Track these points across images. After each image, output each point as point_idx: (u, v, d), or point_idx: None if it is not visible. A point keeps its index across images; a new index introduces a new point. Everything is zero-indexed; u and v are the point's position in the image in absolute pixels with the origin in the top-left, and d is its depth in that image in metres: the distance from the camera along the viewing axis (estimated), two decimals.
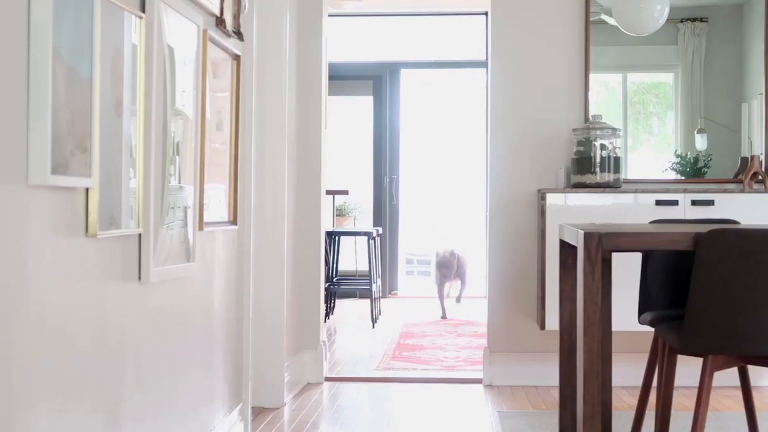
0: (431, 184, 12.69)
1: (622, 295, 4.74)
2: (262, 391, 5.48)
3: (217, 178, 4.31)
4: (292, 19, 5.81)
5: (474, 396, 5.97)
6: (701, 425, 3.46)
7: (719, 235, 3.35)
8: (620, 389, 5.96)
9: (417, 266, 12.69)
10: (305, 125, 6.19)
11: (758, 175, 6.10)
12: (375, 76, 12.19)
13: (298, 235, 6.08)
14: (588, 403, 3.45)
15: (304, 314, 6.21)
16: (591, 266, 3.42)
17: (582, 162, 6.03)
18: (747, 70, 6.41)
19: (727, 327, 3.39)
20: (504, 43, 6.34)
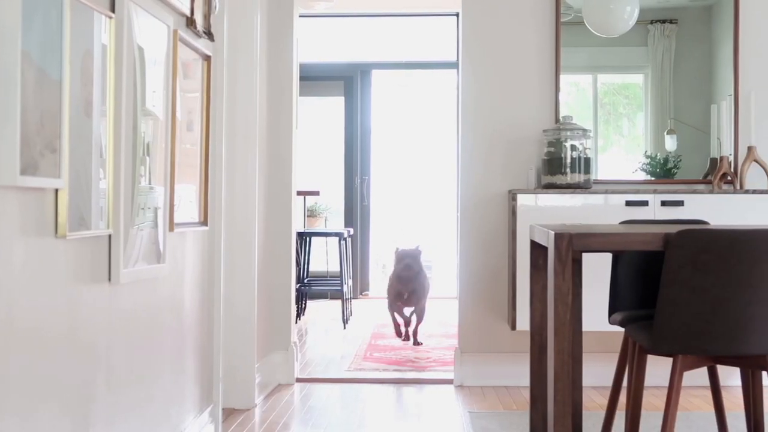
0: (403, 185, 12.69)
1: (593, 296, 4.76)
2: (233, 393, 5.47)
3: (187, 178, 4.29)
4: (262, 19, 5.80)
5: (445, 396, 5.98)
6: (671, 425, 3.47)
7: (688, 235, 3.37)
8: (591, 389, 5.98)
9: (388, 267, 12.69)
10: (276, 126, 6.18)
11: (727, 176, 6.14)
12: (346, 77, 12.18)
13: (269, 236, 6.07)
14: (558, 403, 3.46)
15: (275, 315, 6.20)
16: (561, 267, 3.43)
17: (552, 163, 6.05)
18: (716, 72, 6.44)
19: (697, 327, 3.41)
20: (475, 44, 6.35)
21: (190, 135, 4.37)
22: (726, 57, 6.34)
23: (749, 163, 6.12)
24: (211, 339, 4.85)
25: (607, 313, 4.29)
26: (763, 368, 3.53)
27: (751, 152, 6.13)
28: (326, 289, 10.77)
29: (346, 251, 9.36)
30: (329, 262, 11.09)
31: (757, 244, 3.36)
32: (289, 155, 6.24)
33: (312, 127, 12.05)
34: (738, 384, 5.80)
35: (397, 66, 12.44)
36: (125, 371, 3.52)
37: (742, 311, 3.38)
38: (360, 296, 11.94)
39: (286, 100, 6.24)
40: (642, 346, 3.72)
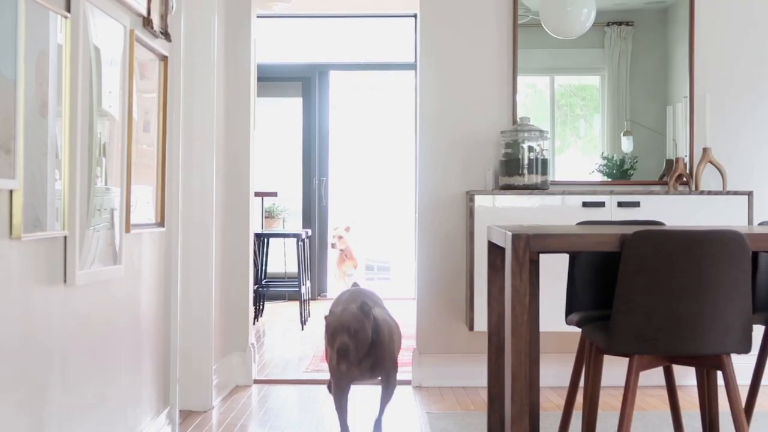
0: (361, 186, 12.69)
1: (550, 296, 4.78)
2: (191, 394, 5.45)
3: (144, 179, 4.27)
4: (220, 19, 5.78)
5: (403, 397, 5.98)
6: (627, 424, 3.49)
7: (644, 236, 3.39)
8: (548, 389, 6.01)
9: None
10: (234, 126, 6.16)
11: (683, 177, 6.18)
12: (304, 78, 12.16)
13: (226, 237, 6.04)
14: (516, 403, 3.47)
15: (233, 316, 6.18)
16: (519, 267, 3.44)
17: (510, 164, 6.07)
18: (672, 74, 6.49)
19: (652, 327, 3.43)
20: (433, 46, 6.36)
21: (147, 136, 4.35)
22: (681, 59, 6.39)
23: (704, 165, 6.17)
24: (169, 340, 4.83)
25: (564, 314, 4.31)
26: (718, 368, 3.56)
27: (706, 154, 6.18)
28: (284, 291, 10.74)
29: (304, 252, 9.35)
30: (287, 264, 11.06)
31: (712, 244, 3.38)
32: (247, 156, 6.22)
33: (270, 128, 12.02)
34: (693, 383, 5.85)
35: (355, 67, 12.43)
36: (81, 373, 3.50)
37: (697, 311, 3.41)
38: (318, 297, 11.92)
39: (243, 100, 6.22)
40: (598, 346, 3.74)
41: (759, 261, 4.29)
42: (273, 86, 11.77)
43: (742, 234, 3.42)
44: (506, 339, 3.57)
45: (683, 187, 6.20)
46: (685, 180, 6.19)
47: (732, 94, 6.37)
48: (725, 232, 3.41)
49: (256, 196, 7.24)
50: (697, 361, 3.63)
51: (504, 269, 4.07)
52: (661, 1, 6.53)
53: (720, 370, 3.55)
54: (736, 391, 3.53)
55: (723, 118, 6.35)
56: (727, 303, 3.43)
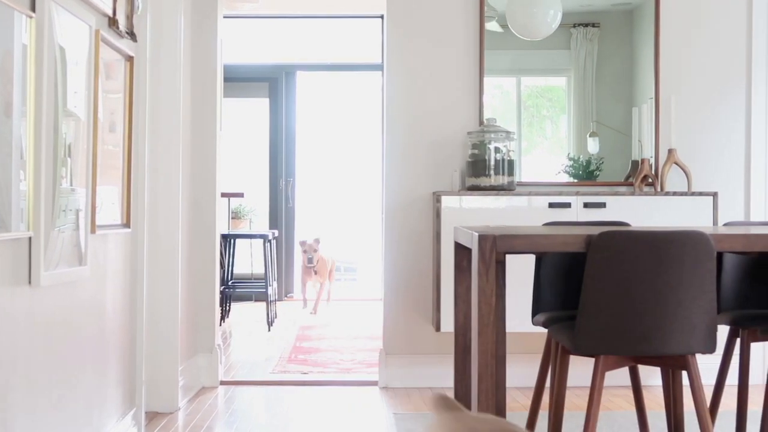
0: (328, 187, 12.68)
1: (516, 297, 4.79)
2: (156, 396, 5.42)
3: (110, 180, 4.25)
4: (186, 20, 5.76)
5: (370, 398, 5.98)
6: (593, 424, 3.51)
7: (609, 237, 3.41)
8: (514, 390, 6.03)
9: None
10: (200, 127, 6.14)
11: (648, 178, 6.21)
12: (271, 78, 12.14)
13: (192, 238, 6.03)
14: (482, 403, 3.48)
15: (199, 317, 6.16)
16: (485, 268, 3.44)
17: (477, 165, 6.08)
18: (637, 75, 6.52)
19: (618, 327, 3.45)
20: (399, 47, 6.36)
21: (113, 136, 4.33)
22: (647, 61, 6.42)
23: (669, 166, 6.21)
24: (134, 342, 4.81)
25: (530, 314, 4.33)
26: (683, 368, 3.58)
27: (671, 155, 6.22)
28: (251, 292, 10.72)
29: (270, 253, 9.33)
30: (254, 264, 11.04)
31: (677, 245, 3.40)
32: (213, 157, 6.21)
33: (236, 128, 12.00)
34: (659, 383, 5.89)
35: (322, 68, 12.43)
36: (45, 374, 3.48)
37: (662, 312, 3.43)
38: (285, 298, 11.90)
39: (210, 101, 6.20)
40: (564, 346, 3.75)
41: (724, 261, 4.32)
42: (240, 87, 11.75)
43: (707, 235, 3.44)
44: (473, 339, 3.57)
45: (649, 188, 6.24)
46: (650, 181, 6.22)
47: (697, 96, 6.41)
48: (690, 233, 3.43)
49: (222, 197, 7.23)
50: (663, 361, 3.66)
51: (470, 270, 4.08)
52: (626, 3, 6.56)
53: (685, 370, 3.57)
54: (701, 390, 3.55)
55: (688, 119, 6.39)
56: (692, 303, 3.45)
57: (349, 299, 11.60)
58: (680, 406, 4.09)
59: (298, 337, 8.55)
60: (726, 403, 4.88)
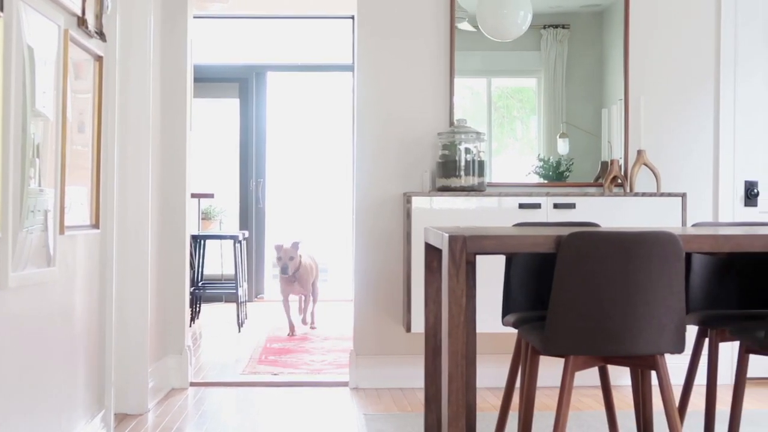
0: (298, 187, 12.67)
1: (487, 297, 4.80)
2: (126, 397, 5.40)
3: (78, 180, 4.23)
4: (156, 20, 5.74)
5: (340, 399, 5.98)
6: (563, 424, 3.52)
7: (579, 237, 3.42)
8: (484, 390, 6.03)
9: None
10: (170, 127, 6.12)
11: (618, 179, 6.24)
12: (241, 79, 12.12)
13: (162, 239, 6.00)
14: (452, 404, 3.48)
15: (169, 319, 6.14)
16: (455, 269, 3.45)
17: (447, 165, 6.08)
18: (607, 76, 6.55)
19: (587, 328, 3.46)
20: (370, 47, 6.36)
21: (82, 136, 4.31)
22: (617, 62, 6.45)
23: (639, 167, 6.23)
24: (103, 343, 4.79)
25: (500, 315, 4.33)
26: (652, 368, 3.60)
27: (640, 156, 6.24)
28: (221, 293, 10.69)
29: (240, 254, 9.31)
30: (224, 265, 11.01)
31: (646, 246, 3.42)
32: (183, 157, 6.18)
33: (207, 129, 11.96)
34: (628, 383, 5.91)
35: (293, 68, 12.41)
36: (13, 376, 3.45)
37: (631, 312, 3.44)
38: (255, 299, 11.88)
39: (179, 101, 6.18)
40: (534, 347, 3.76)
41: (692, 262, 4.35)
42: (210, 87, 11.72)
43: (675, 235, 3.45)
44: (443, 340, 3.57)
45: (618, 189, 6.26)
46: (619, 182, 6.24)
47: (666, 97, 6.44)
48: (659, 234, 3.44)
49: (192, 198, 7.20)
50: (632, 362, 3.67)
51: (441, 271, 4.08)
52: (596, 5, 6.59)
53: (654, 370, 3.59)
54: (670, 390, 3.56)
55: (657, 120, 6.42)
56: (661, 304, 3.46)
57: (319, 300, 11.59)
58: (649, 405, 4.10)
59: (268, 339, 8.53)
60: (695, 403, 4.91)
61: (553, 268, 3.45)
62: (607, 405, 4.29)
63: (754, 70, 6.47)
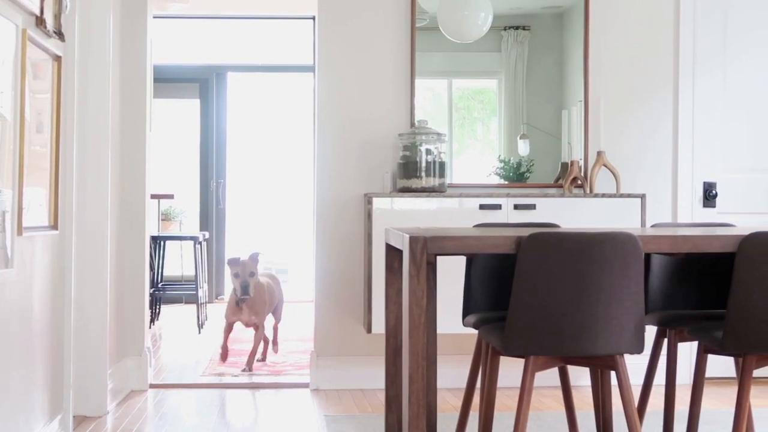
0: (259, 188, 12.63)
1: (447, 298, 4.80)
2: (84, 400, 5.36)
3: (37, 181, 4.20)
4: (115, 19, 5.70)
5: (301, 400, 5.96)
6: (523, 424, 3.53)
7: (539, 238, 3.43)
8: (445, 391, 6.04)
9: None
10: (129, 128, 6.09)
11: (578, 180, 6.26)
12: (201, 79, 12.07)
13: (121, 240, 5.97)
14: (413, 404, 3.48)
15: (128, 320, 6.10)
16: (416, 270, 3.45)
17: (408, 166, 6.08)
18: (567, 77, 6.57)
19: (547, 328, 3.47)
20: (331, 48, 6.35)
21: (40, 137, 4.28)
22: (576, 63, 6.47)
23: (599, 168, 6.26)
24: (62, 345, 4.75)
25: (461, 316, 4.34)
26: (611, 368, 3.62)
27: (600, 157, 6.27)
28: (181, 294, 10.63)
29: (201, 255, 9.27)
30: (184, 266, 10.97)
31: (605, 246, 3.43)
32: (143, 158, 6.15)
33: (167, 129, 11.91)
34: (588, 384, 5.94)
35: (254, 69, 12.37)
36: None
37: (590, 313, 3.46)
38: (215, 300, 11.83)
39: (139, 101, 6.15)
40: (495, 347, 3.77)
41: (651, 262, 4.37)
42: (170, 87, 11.67)
43: (635, 236, 3.47)
44: (404, 341, 3.58)
45: (578, 190, 6.29)
46: (579, 183, 6.27)
47: (626, 98, 6.48)
48: (619, 234, 3.46)
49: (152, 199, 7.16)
50: (591, 362, 3.69)
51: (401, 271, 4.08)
52: (556, 6, 6.61)
53: (613, 370, 3.60)
54: (629, 390, 3.58)
55: (617, 121, 6.46)
56: (620, 304, 3.48)
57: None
58: (609, 405, 4.12)
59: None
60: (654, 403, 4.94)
61: (513, 268, 3.46)
62: (567, 405, 4.31)
63: (712, 72, 6.52)
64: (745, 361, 3.72)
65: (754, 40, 6.55)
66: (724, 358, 3.96)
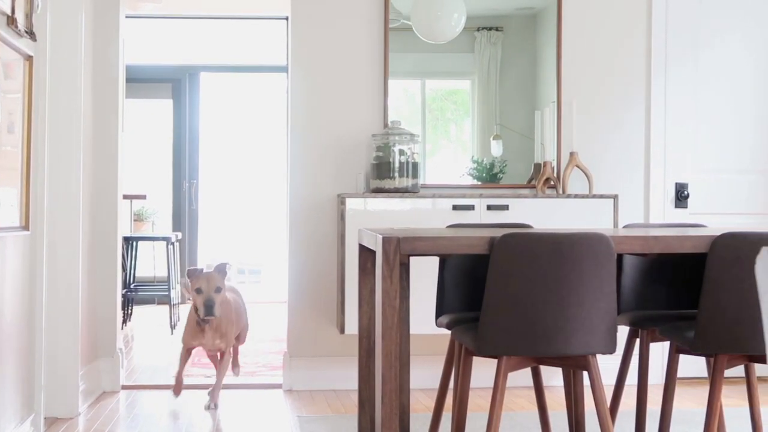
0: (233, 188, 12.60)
1: (420, 299, 4.80)
2: (56, 401, 5.33)
3: (8, 181, 4.17)
4: (87, 19, 5.68)
5: (274, 401, 5.95)
6: (496, 425, 3.53)
7: (512, 239, 3.44)
8: (418, 391, 6.04)
9: None
10: (102, 128, 6.06)
11: (550, 181, 6.28)
12: (174, 79, 12.04)
13: (93, 240, 5.94)
14: (386, 405, 3.48)
15: (100, 321, 6.08)
16: (389, 270, 3.45)
17: (381, 167, 6.09)
18: (540, 79, 6.59)
19: (520, 329, 3.48)
20: (304, 49, 6.35)
21: (11, 137, 4.25)
22: (549, 65, 6.49)
23: (571, 169, 6.28)
24: (33, 346, 4.72)
25: (434, 316, 4.34)
26: (584, 368, 3.63)
27: (572, 158, 6.29)
28: (153, 295, 10.60)
29: (173, 256, 9.24)
30: (156, 267, 10.93)
31: (577, 247, 3.44)
32: (115, 158, 6.13)
33: (139, 129, 11.86)
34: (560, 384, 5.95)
35: (227, 69, 12.35)
36: None
37: (563, 313, 3.47)
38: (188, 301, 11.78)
39: (112, 102, 6.12)
40: (468, 348, 3.77)
41: (624, 263, 4.39)
42: (143, 87, 11.63)
43: (607, 236, 3.48)
44: (377, 341, 3.57)
45: (551, 191, 6.30)
46: (552, 183, 6.28)
47: (598, 100, 6.50)
48: (591, 235, 3.47)
49: (124, 199, 7.14)
50: (564, 362, 3.69)
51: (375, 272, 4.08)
52: (530, 8, 6.63)
53: (586, 370, 3.62)
54: (602, 391, 3.59)
55: (589, 122, 6.48)
56: (592, 304, 3.49)
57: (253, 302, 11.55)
58: (581, 406, 4.13)
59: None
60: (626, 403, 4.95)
61: (486, 269, 3.47)
62: (540, 405, 4.32)
63: (684, 73, 6.55)
64: (716, 361, 3.73)
65: (725, 42, 6.59)
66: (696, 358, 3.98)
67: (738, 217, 6.48)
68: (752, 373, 4.22)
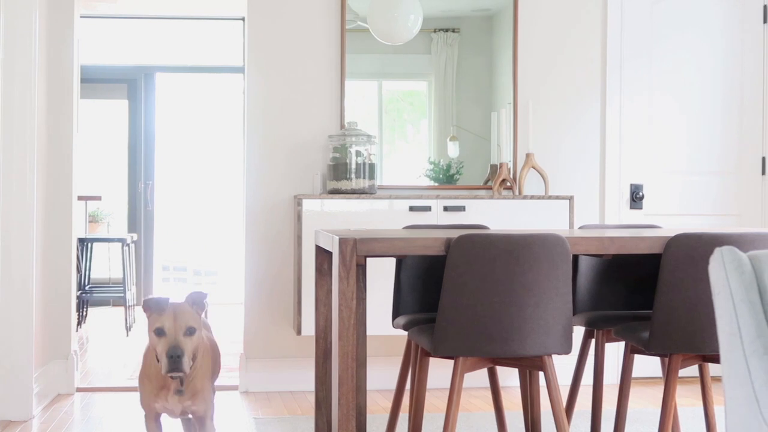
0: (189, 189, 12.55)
1: (377, 300, 4.81)
2: (9, 404, 5.29)
3: None
4: (41, 19, 5.63)
5: (230, 403, 5.93)
6: (452, 425, 3.54)
7: (468, 240, 3.44)
8: (375, 392, 6.04)
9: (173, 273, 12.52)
10: (56, 129, 6.02)
11: (507, 182, 6.30)
12: (130, 80, 11.97)
13: (47, 242, 5.89)
14: (343, 406, 3.48)
15: (54, 323, 6.03)
16: (346, 271, 3.45)
17: (338, 168, 6.08)
18: (496, 80, 6.61)
19: (476, 329, 3.49)
20: (261, 49, 6.33)
21: None
22: (506, 66, 6.51)
23: (527, 170, 6.31)
24: None
25: (391, 317, 4.34)
26: (539, 369, 3.64)
27: (529, 159, 6.32)
28: (109, 296, 10.53)
29: (129, 257, 9.19)
30: (112, 269, 10.86)
31: (533, 248, 3.46)
32: (70, 159, 6.08)
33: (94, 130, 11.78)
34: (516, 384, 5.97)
35: (183, 69, 12.28)
36: None
37: (519, 314, 3.48)
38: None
39: (66, 102, 6.08)
40: (424, 348, 3.78)
41: (579, 264, 4.41)
42: (97, 88, 11.55)
43: (563, 237, 3.50)
44: (333, 343, 3.57)
45: (507, 192, 6.32)
46: (509, 185, 6.31)
47: (554, 101, 6.53)
48: (547, 236, 3.48)
49: (79, 200, 7.09)
50: (520, 363, 3.71)
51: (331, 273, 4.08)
52: (486, 10, 6.65)
53: (542, 370, 3.63)
54: (557, 391, 3.61)
55: (546, 124, 6.51)
56: (548, 305, 3.51)
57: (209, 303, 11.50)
58: (537, 406, 4.15)
59: None
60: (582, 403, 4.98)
61: (443, 270, 3.47)
62: (496, 406, 4.33)
63: (639, 75, 6.59)
64: (670, 360, 3.76)
65: (680, 43, 6.63)
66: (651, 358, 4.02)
67: (692, 218, 6.54)
68: (706, 372, 4.26)
